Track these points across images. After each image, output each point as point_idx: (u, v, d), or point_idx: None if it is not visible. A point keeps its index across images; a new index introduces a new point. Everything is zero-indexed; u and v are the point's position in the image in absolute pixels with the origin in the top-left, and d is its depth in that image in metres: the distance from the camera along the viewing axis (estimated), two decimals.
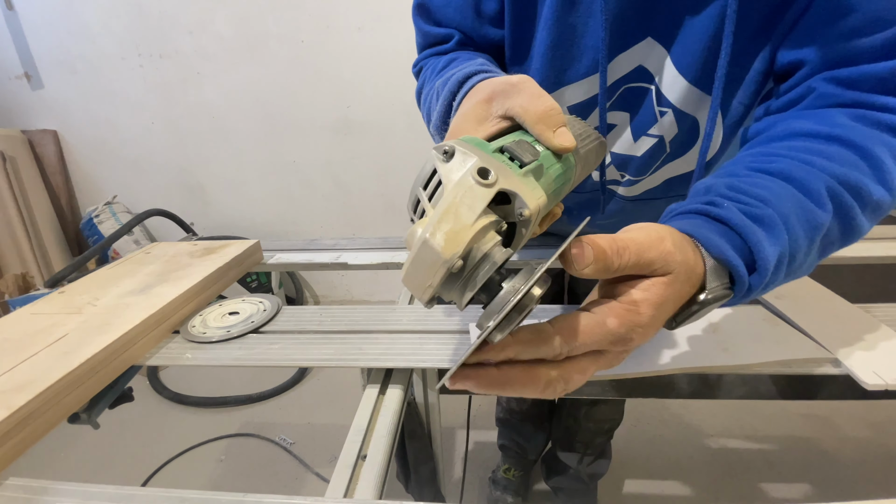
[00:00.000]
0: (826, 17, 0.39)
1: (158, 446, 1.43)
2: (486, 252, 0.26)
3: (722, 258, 0.30)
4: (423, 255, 0.25)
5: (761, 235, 0.30)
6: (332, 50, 1.82)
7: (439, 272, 0.25)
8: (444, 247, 0.24)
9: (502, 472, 1.22)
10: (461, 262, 0.25)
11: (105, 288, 0.61)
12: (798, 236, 0.31)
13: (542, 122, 0.31)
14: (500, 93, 0.33)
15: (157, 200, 2.12)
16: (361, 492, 0.36)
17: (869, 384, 0.41)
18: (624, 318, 0.27)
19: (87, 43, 1.89)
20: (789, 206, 0.32)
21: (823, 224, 0.33)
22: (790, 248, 0.31)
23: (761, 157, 0.36)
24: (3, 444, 0.37)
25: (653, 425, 1.44)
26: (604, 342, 0.28)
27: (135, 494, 0.35)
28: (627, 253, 0.27)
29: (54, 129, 2.05)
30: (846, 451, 1.31)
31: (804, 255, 0.33)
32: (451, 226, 0.25)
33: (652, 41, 0.47)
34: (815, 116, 0.38)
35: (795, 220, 0.31)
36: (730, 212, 0.31)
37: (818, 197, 0.32)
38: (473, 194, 0.26)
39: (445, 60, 0.51)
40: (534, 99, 0.32)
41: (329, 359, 0.50)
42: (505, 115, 0.33)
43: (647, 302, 0.28)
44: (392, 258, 0.75)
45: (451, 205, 0.25)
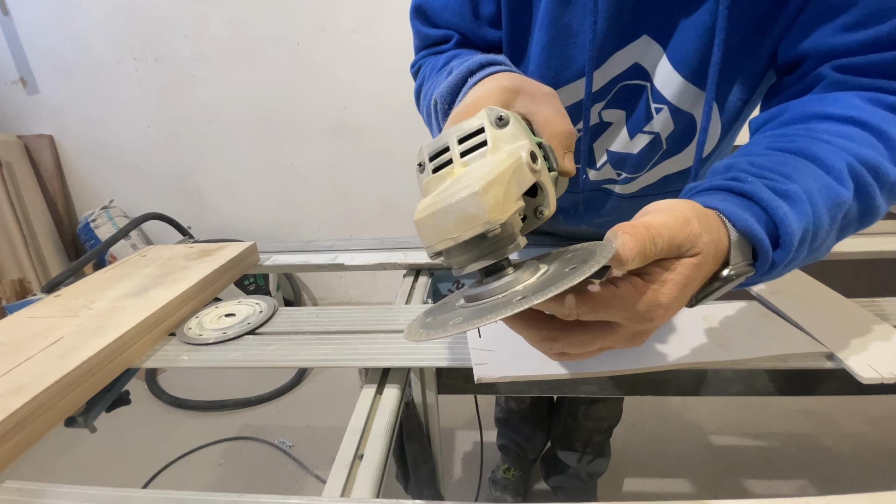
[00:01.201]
0: (827, 11, 0.39)
1: (157, 451, 1.43)
2: (512, 232, 0.26)
3: (747, 231, 0.29)
4: (465, 205, 0.24)
5: (786, 210, 0.29)
6: (328, 52, 1.82)
7: (475, 229, 0.25)
8: (492, 207, 0.24)
9: (502, 472, 1.22)
10: (499, 229, 0.25)
11: (101, 291, 0.61)
12: (821, 213, 0.31)
13: (559, 141, 0.32)
14: (529, 93, 0.34)
15: (154, 204, 2.12)
16: (358, 491, 0.36)
17: (864, 378, 0.41)
18: (646, 294, 0.27)
19: (83, 48, 1.89)
20: (812, 182, 0.31)
21: (845, 202, 0.32)
22: (813, 224, 0.31)
23: (779, 138, 0.36)
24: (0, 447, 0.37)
25: (652, 423, 1.44)
26: (619, 314, 0.27)
27: (131, 497, 0.35)
28: (661, 240, 0.26)
29: (50, 134, 2.05)
30: (845, 447, 1.31)
31: (826, 234, 0.32)
32: (502, 192, 0.25)
33: (648, 39, 0.47)
34: (830, 99, 0.38)
35: (819, 197, 0.31)
36: (754, 186, 0.30)
37: (840, 174, 0.32)
38: (522, 174, 0.26)
39: (447, 56, 0.51)
40: (558, 116, 0.33)
41: (325, 359, 0.50)
42: (524, 114, 0.34)
43: (673, 282, 0.27)
44: (389, 258, 0.75)
45: (503, 173, 0.25)
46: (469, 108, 0.33)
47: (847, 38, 0.38)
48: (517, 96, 0.34)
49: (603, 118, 0.53)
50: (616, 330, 0.29)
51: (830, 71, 0.39)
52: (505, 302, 0.25)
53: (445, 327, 0.26)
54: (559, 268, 0.27)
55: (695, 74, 0.46)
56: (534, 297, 0.23)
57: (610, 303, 0.27)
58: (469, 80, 0.39)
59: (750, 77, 0.46)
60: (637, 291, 0.27)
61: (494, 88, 0.34)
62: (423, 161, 0.30)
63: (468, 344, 0.49)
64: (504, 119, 0.28)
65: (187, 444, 1.45)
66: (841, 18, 0.38)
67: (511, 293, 0.26)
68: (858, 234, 0.75)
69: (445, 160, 0.29)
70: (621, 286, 0.27)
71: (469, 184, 0.25)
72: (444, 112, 0.42)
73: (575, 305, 0.27)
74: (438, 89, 0.42)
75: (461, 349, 0.49)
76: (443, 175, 0.28)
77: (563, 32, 0.47)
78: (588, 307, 0.27)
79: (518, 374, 0.44)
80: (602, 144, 0.56)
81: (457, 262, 0.27)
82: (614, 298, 0.27)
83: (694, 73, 0.46)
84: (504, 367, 0.45)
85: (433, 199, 0.26)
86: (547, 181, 0.29)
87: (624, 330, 0.29)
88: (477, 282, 0.29)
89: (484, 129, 0.28)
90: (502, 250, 0.27)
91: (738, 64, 0.45)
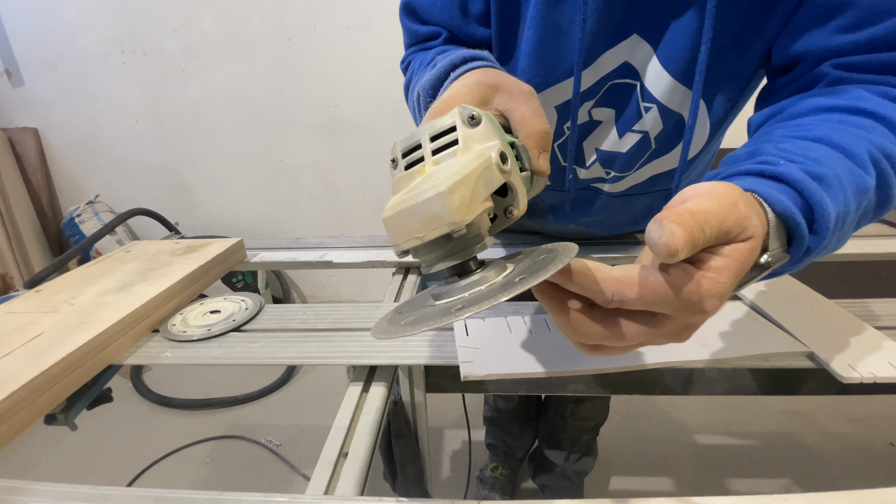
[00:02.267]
0: (822, 13, 0.39)
1: (142, 449, 1.41)
2: (479, 232, 0.26)
3: (786, 215, 0.27)
4: (431, 205, 0.25)
5: (822, 194, 0.28)
6: (319, 49, 1.81)
7: (440, 229, 0.25)
8: (457, 208, 0.24)
9: (490, 471, 1.22)
10: (463, 230, 0.25)
11: (82, 287, 0.60)
12: (850, 199, 0.30)
13: (535, 141, 0.32)
14: (508, 91, 0.34)
15: (140, 200, 2.09)
16: (342, 489, 0.36)
17: (845, 378, 0.42)
18: (701, 283, 0.24)
19: (70, 40, 1.86)
20: (840, 168, 0.30)
21: (869, 189, 0.31)
22: (844, 210, 0.29)
23: (795, 128, 0.35)
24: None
25: (638, 422, 1.46)
26: (669, 304, 0.25)
27: (110, 494, 0.35)
28: (709, 227, 0.24)
29: (35, 127, 2.01)
30: (827, 447, 1.33)
31: (851, 221, 0.31)
32: (469, 193, 0.25)
33: (638, 38, 0.47)
34: (838, 92, 0.37)
35: (847, 183, 0.30)
36: (789, 169, 0.29)
37: (863, 162, 0.31)
38: (491, 174, 0.26)
39: (435, 52, 0.51)
40: (535, 115, 0.33)
41: (312, 356, 0.49)
42: (502, 112, 0.34)
43: (728, 270, 0.25)
44: (378, 256, 0.75)
45: (471, 174, 0.25)
46: (447, 102, 0.33)
47: (844, 38, 0.38)
48: (496, 93, 0.34)
49: (593, 116, 0.54)
50: (662, 322, 0.26)
51: (831, 69, 0.39)
52: (469, 301, 0.25)
53: (402, 327, 0.26)
54: (526, 268, 0.27)
55: (684, 74, 0.46)
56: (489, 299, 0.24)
57: (660, 290, 0.24)
58: (451, 75, 0.39)
59: (738, 78, 0.46)
60: (691, 279, 0.24)
61: (473, 84, 0.34)
62: (395, 157, 0.30)
63: (455, 342, 0.49)
64: (476, 118, 0.28)
65: (173, 442, 1.43)
66: (836, 20, 0.38)
67: (475, 292, 0.26)
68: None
69: (417, 157, 0.29)
70: (673, 273, 0.24)
71: (436, 183, 0.25)
72: (425, 105, 0.42)
73: (618, 289, 0.25)
74: (421, 82, 0.42)
75: (449, 347, 0.49)
76: (413, 173, 0.28)
77: (553, 31, 0.47)
78: (635, 294, 0.25)
79: (504, 371, 0.44)
80: (592, 143, 0.56)
81: (424, 260, 0.28)
82: (665, 286, 0.24)
83: (683, 72, 0.46)
84: (490, 365, 0.45)
85: (401, 197, 0.26)
86: (517, 181, 0.29)
87: (672, 323, 0.26)
88: (445, 280, 0.29)
89: (456, 128, 0.28)
90: (469, 250, 0.27)
91: (726, 64, 0.45)
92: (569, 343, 0.47)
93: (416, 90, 0.44)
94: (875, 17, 0.36)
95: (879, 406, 1.45)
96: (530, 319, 0.53)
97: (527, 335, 0.50)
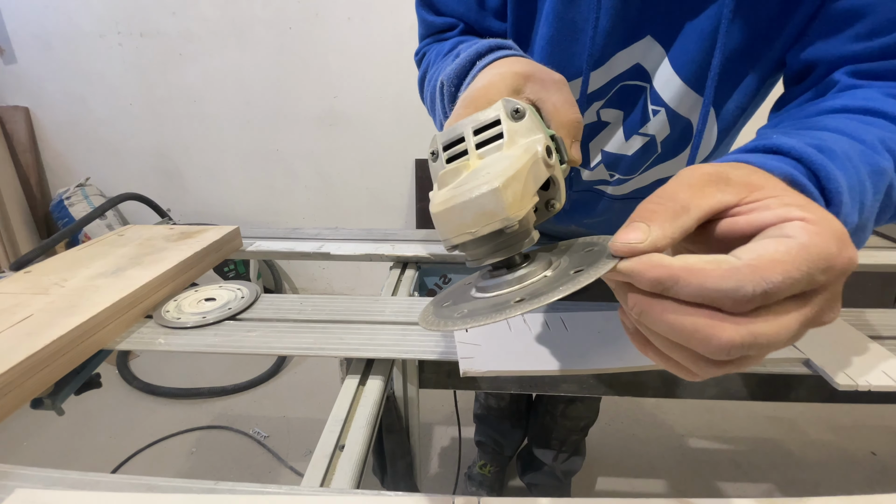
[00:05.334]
0: (838, 22, 0.39)
1: (126, 438, 1.39)
2: (528, 227, 0.27)
3: (787, 177, 0.25)
4: (484, 201, 0.24)
5: (826, 162, 0.26)
6: (321, 39, 1.79)
7: (493, 225, 0.25)
8: (510, 204, 0.24)
9: (478, 468, 1.23)
10: (516, 226, 0.25)
11: (74, 269, 0.59)
12: (863, 176, 0.27)
13: (567, 130, 0.32)
14: (540, 80, 0.33)
15: (132, 184, 2.06)
16: (338, 482, 0.35)
17: (840, 385, 0.42)
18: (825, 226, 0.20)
19: (64, 18, 1.82)
20: (849, 147, 0.28)
21: (886, 171, 0.28)
22: (859, 185, 0.27)
23: (804, 122, 0.34)
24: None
25: (626, 424, 1.47)
26: (815, 269, 0.19)
27: (100, 481, 0.34)
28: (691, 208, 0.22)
29: (26, 106, 1.97)
30: (810, 453, 1.35)
31: (871, 204, 0.28)
32: (521, 189, 0.25)
33: (651, 40, 0.47)
34: (848, 95, 0.36)
35: (859, 162, 0.27)
36: (790, 140, 0.27)
37: (874, 146, 0.29)
38: (539, 169, 0.26)
39: (453, 42, 0.50)
40: (567, 105, 0.32)
41: (308, 347, 0.49)
42: (534, 101, 0.33)
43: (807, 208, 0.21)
44: (376, 250, 0.74)
45: (521, 169, 0.25)
46: (480, 92, 0.32)
47: (859, 46, 0.38)
48: (527, 82, 0.33)
49: (601, 117, 0.53)
50: (813, 297, 0.21)
51: (844, 76, 0.39)
52: (526, 295, 0.25)
53: (455, 320, 0.26)
54: (571, 263, 0.27)
55: (695, 79, 0.46)
56: (548, 294, 0.23)
57: (799, 254, 0.19)
58: (478, 63, 0.38)
59: (749, 85, 0.46)
60: (810, 229, 0.20)
61: (507, 73, 0.33)
62: (436, 150, 0.30)
63: (454, 338, 0.48)
64: (520, 112, 0.28)
65: (158, 431, 1.41)
66: (853, 28, 0.38)
67: (529, 285, 0.26)
68: None
69: (460, 150, 0.29)
70: (788, 230, 0.20)
71: (488, 179, 0.25)
72: (450, 95, 0.41)
73: (759, 278, 0.19)
74: (445, 72, 0.41)
75: (447, 343, 0.49)
76: (459, 168, 0.28)
77: (568, 28, 0.47)
78: (781, 273, 0.19)
79: (503, 368, 0.44)
80: (597, 144, 0.56)
81: (472, 254, 0.28)
82: (801, 248, 0.19)
83: (694, 77, 0.46)
84: (490, 362, 0.44)
85: (450, 192, 0.26)
86: (559, 174, 0.29)
87: (824, 292, 0.21)
88: (489, 272, 0.29)
89: (500, 121, 0.28)
90: (518, 244, 0.27)
91: (738, 71, 0.45)
92: (569, 342, 0.48)
93: (438, 79, 0.43)
94: (891, 26, 0.37)
95: (862, 415, 1.47)
96: (529, 317, 0.52)
97: (526, 333, 0.50)
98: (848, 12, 0.38)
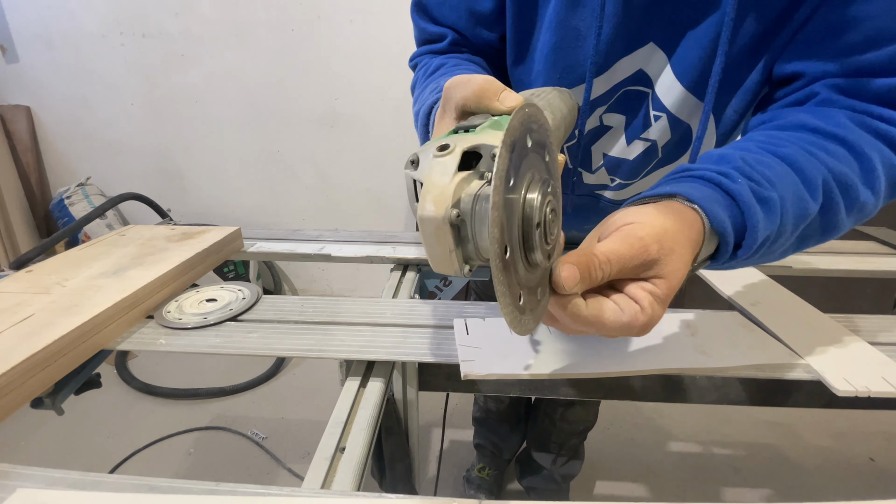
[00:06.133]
0: (826, 32, 0.40)
1: (124, 438, 1.39)
2: (475, 194, 0.27)
3: (721, 232, 0.32)
4: (427, 229, 0.26)
5: (760, 217, 0.32)
6: (322, 41, 1.80)
7: (445, 232, 0.26)
8: (434, 209, 0.26)
9: (477, 472, 1.22)
10: (455, 211, 0.26)
11: (75, 269, 0.59)
12: (787, 222, 0.34)
13: (482, 98, 0.33)
14: (447, 98, 0.35)
15: (132, 184, 2.06)
16: (339, 484, 0.35)
17: (840, 390, 0.42)
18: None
19: (67, 18, 1.83)
20: (789, 192, 0.34)
21: (811, 215, 0.35)
22: (777, 232, 0.34)
23: (771, 140, 0.39)
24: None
25: (625, 428, 1.47)
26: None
27: (101, 481, 0.34)
28: (609, 266, 0.28)
29: (27, 105, 1.97)
30: (809, 459, 1.35)
31: (785, 240, 0.36)
32: (433, 193, 0.26)
33: (654, 46, 0.47)
34: (820, 114, 0.40)
35: (790, 207, 0.34)
36: (742, 188, 0.33)
37: (814, 189, 0.35)
38: (442, 164, 0.28)
39: (435, 65, 0.53)
40: (470, 83, 0.34)
41: (310, 349, 0.49)
42: (460, 112, 0.35)
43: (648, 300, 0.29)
44: (377, 252, 0.75)
45: (427, 181, 0.27)
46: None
47: (843, 60, 0.39)
48: (446, 112, 0.36)
49: (604, 122, 0.54)
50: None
51: (823, 88, 0.40)
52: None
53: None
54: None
55: (695, 85, 0.47)
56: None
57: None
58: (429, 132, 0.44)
59: (748, 91, 0.46)
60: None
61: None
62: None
63: (455, 341, 0.49)
64: (413, 160, 0.30)
65: (156, 431, 1.41)
66: (840, 40, 0.39)
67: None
68: (832, 253, 0.78)
69: None
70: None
71: (417, 216, 0.28)
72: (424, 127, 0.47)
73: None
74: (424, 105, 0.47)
75: (448, 345, 0.49)
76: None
77: (571, 35, 0.47)
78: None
79: (504, 372, 0.44)
80: (600, 148, 0.56)
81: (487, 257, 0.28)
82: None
83: (695, 83, 0.46)
84: (490, 365, 0.44)
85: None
86: (473, 139, 0.30)
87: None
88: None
89: (414, 179, 0.31)
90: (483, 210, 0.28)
91: (737, 77, 0.46)
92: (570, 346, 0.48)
93: (418, 108, 0.48)
94: (874, 43, 0.37)
95: (860, 421, 1.47)
96: None
97: (527, 336, 0.50)
98: (835, 25, 0.39)
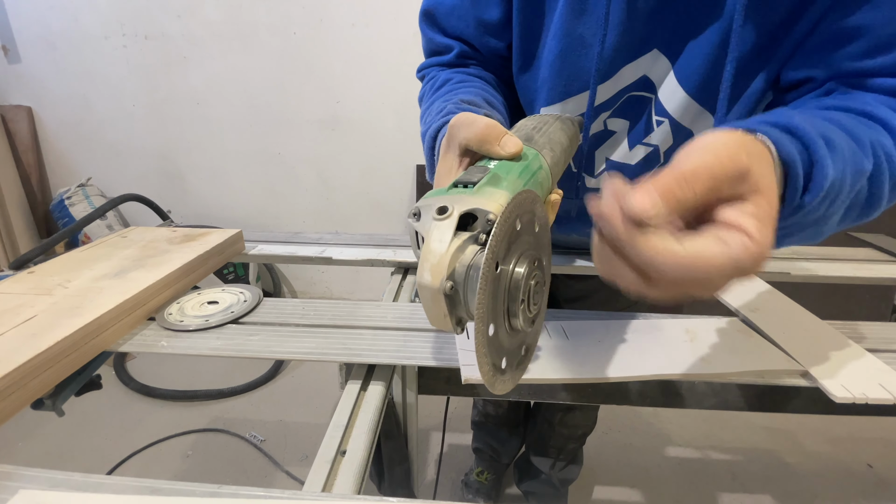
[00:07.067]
0: (834, 39, 0.40)
1: (122, 439, 1.38)
2: (468, 264, 0.29)
3: (790, 161, 0.28)
4: (424, 295, 0.29)
5: (826, 153, 0.29)
6: (324, 44, 1.80)
7: (440, 300, 0.29)
8: (431, 280, 0.28)
9: (475, 476, 1.22)
10: (450, 283, 0.28)
11: (77, 270, 0.59)
12: (847, 175, 0.30)
13: (484, 142, 0.34)
14: (451, 136, 0.36)
15: (133, 186, 2.06)
16: (340, 487, 0.35)
17: (838, 397, 0.42)
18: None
19: (70, 19, 1.83)
20: (845, 144, 0.31)
21: (866, 172, 0.32)
22: (840, 181, 0.30)
23: (815, 112, 0.36)
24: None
25: (624, 433, 1.47)
26: (731, 278, 0.24)
27: (103, 483, 0.34)
28: (697, 181, 0.23)
29: (29, 106, 1.98)
30: (807, 465, 1.35)
31: (841, 202, 0.32)
32: (431, 261, 0.29)
33: (657, 53, 0.48)
34: (846, 97, 0.39)
35: (849, 157, 0.31)
36: (804, 124, 0.30)
37: (865, 147, 0.32)
38: (440, 230, 0.30)
39: (442, 79, 0.53)
40: (473, 125, 0.34)
41: (311, 352, 0.49)
42: (463, 150, 0.36)
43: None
44: (378, 255, 0.75)
45: (426, 247, 0.29)
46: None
47: (853, 65, 0.39)
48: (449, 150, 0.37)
49: (607, 126, 0.54)
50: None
51: (839, 86, 0.40)
52: None
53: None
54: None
55: (698, 91, 0.47)
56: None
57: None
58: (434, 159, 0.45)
59: (750, 98, 0.47)
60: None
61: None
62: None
63: (456, 344, 0.49)
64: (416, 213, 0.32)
65: (154, 433, 1.41)
66: (848, 48, 0.39)
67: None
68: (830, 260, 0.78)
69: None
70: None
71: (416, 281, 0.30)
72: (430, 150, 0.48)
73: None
74: (431, 127, 0.46)
75: (448, 349, 0.49)
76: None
77: (577, 43, 0.47)
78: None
79: None
80: (603, 152, 0.57)
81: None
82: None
83: (697, 90, 0.47)
84: None
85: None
86: (470, 201, 0.31)
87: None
88: None
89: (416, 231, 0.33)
90: (473, 280, 0.30)
91: (742, 83, 0.46)
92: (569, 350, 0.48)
93: (425, 125, 0.48)
94: (886, 46, 0.38)
95: (858, 427, 1.47)
96: None
97: None
98: (845, 30, 0.39)
